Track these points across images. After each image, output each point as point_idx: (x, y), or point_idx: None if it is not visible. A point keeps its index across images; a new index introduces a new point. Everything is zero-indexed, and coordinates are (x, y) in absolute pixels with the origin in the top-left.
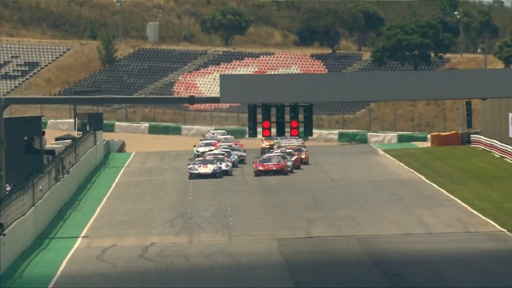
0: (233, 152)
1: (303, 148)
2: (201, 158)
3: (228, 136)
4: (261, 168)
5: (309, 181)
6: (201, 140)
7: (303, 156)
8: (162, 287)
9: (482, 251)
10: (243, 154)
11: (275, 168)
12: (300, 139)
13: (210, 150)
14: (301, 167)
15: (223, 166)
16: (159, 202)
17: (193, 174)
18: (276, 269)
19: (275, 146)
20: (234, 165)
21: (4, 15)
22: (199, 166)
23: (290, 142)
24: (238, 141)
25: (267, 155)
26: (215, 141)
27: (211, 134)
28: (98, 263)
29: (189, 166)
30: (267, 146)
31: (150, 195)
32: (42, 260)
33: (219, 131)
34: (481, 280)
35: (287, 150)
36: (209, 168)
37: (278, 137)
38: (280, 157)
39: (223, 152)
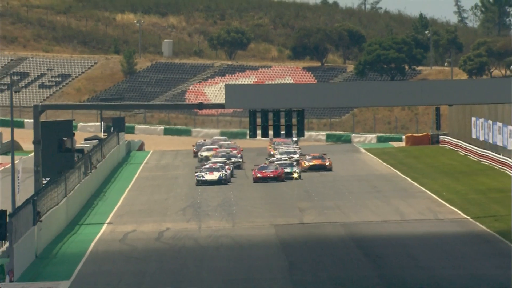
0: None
1: (325, 155)
2: (207, 166)
3: (229, 142)
4: (259, 175)
5: (302, 176)
6: (197, 143)
7: (327, 164)
8: (175, 265)
9: (449, 235)
10: (240, 160)
11: (272, 175)
12: (297, 145)
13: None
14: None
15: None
16: (172, 194)
17: (200, 181)
18: (273, 249)
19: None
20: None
21: (41, 34)
22: (206, 174)
23: (287, 147)
24: (238, 147)
25: (269, 160)
26: (216, 147)
27: (214, 139)
28: (120, 245)
29: (196, 174)
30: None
31: (165, 188)
32: (73, 242)
33: (222, 137)
34: (449, 259)
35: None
36: (215, 175)
37: (275, 140)
38: (277, 165)
39: (224, 161)
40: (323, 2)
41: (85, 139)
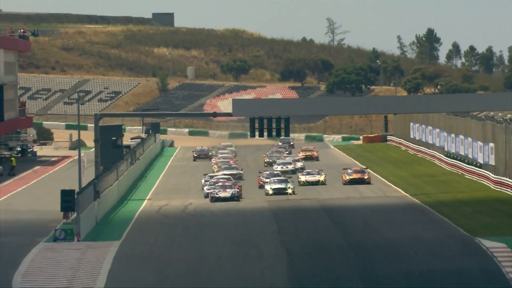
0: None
1: (365, 169)
2: (220, 184)
3: (233, 148)
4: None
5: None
6: (196, 148)
7: (366, 177)
8: (196, 230)
9: (394, 207)
10: (241, 172)
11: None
12: (292, 147)
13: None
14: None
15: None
16: (194, 178)
17: (214, 198)
18: (266, 217)
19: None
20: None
21: (99, 62)
22: (220, 191)
23: (284, 159)
24: (234, 150)
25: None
26: (215, 158)
27: (221, 145)
28: (157, 215)
29: (209, 190)
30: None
31: (188, 174)
32: (122, 213)
33: (228, 143)
34: (394, 224)
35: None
36: (228, 192)
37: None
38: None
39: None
40: (303, 40)
41: (131, 139)
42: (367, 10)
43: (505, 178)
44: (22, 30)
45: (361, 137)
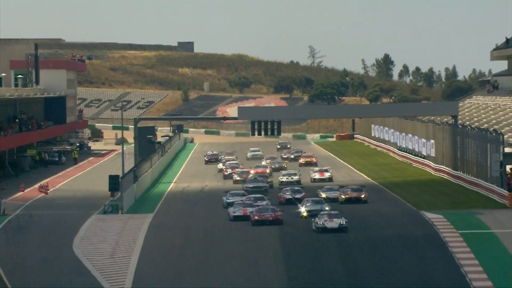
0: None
1: (363, 188)
2: (240, 202)
3: (259, 153)
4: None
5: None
6: (208, 153)
7: (362, 196)
8: (211, 205)
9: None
10: (266, 185)
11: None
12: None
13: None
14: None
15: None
16: (210, 166)
17: (235, 217)
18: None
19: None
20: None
21: (137, 79)
22: (239, 210)
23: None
24: (237, 157)
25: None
26: (221, 163)
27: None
28: (181, 194)
29: (229, 208)
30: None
31: (205, 163)
32: (155, 192)
33: (255, 148)
34: (369, 206)
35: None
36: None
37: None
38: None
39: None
40: (291, 62)
41: (161, 136)
42: (339, 39)
43: (442, 166)
44: (79, 55)
45: (334, 135)
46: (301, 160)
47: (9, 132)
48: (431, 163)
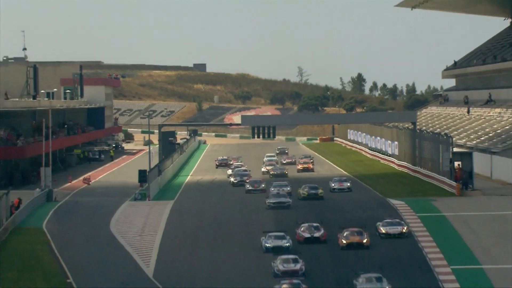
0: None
1: (362, 230)
2: (271, 234)
3: (274, 158)
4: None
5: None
6: (218, 158)
7: (364, 241)
8: (220, 193)
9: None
10: (289, 200)
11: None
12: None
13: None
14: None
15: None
16: (221, 156)
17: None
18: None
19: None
20: None
21: (161, 93)
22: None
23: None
24: (245, 165)
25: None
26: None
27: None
28: (196, 185)
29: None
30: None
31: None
32: (175, 182)
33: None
34: (345, 194)
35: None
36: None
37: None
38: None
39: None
40: (283, 79)
41: (180, 139)
42: (322, 61)
43: (404, 162)
44: (115, 74)
45: (318, 138)
46: (299, 166)
47: (59, 135)
48: (395, 160)
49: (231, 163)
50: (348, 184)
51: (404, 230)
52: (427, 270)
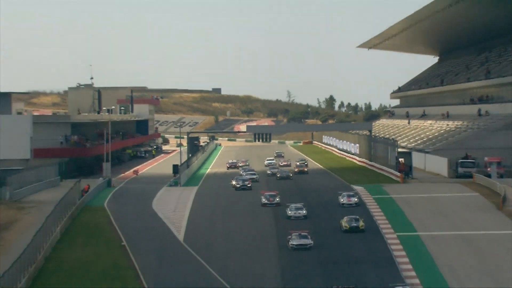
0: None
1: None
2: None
3: (247, 163)
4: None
5: (267, 154)
6: (229, 161)
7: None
8: (230, 182)
9: (316, 172)
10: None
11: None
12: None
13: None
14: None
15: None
16: (230, 159)
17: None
18: (264, 178)
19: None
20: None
21: (189, 110)
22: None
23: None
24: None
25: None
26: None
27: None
28: (214, 175)
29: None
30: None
31: (229, 157)
32: (199, 174)
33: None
34: (315, 181)
35: None
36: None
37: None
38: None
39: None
40: (276, 100)
41: (203, 142)
42: (304, 86)
43: (363, 159)
44: (156, 96)
45: (301, 141)
46: (296, 169)
47: (116, 140)
48: (357, 157)
49: (240, 165)
50: (356, 200)
51: (356, 200)
52: (379, 235)
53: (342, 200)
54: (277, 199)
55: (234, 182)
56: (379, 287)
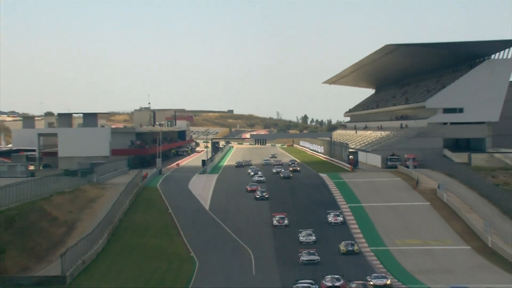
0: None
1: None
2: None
3: (250, 161)
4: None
5: (264, 154)
6: (238, 161)
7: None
8: (243, 170)
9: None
10: (318, 258)
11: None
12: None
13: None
14: None
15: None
16: (239, 157)
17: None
18: (269, 170)
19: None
20: None
21: (212, 124)
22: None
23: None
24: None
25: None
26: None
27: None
28: (228, 167)
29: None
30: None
31: (240, 155)
32: (219, 166)
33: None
34: (301, 178)
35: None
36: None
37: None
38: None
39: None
40: (269, 117)
41: (221, 145)
42: (289, 108)
43: (326, 156)
44: (191, 115)
45: (286, 144)
46: (290, 168)
47: (165, 143)
48: (322, 155)
49: (243, 164)
50: (341, 219)
51: (342, 219)
52: (336, 205)
53: (330, 219)
54: (286, 222)
55: (249, 188)
56: (358, 280)
